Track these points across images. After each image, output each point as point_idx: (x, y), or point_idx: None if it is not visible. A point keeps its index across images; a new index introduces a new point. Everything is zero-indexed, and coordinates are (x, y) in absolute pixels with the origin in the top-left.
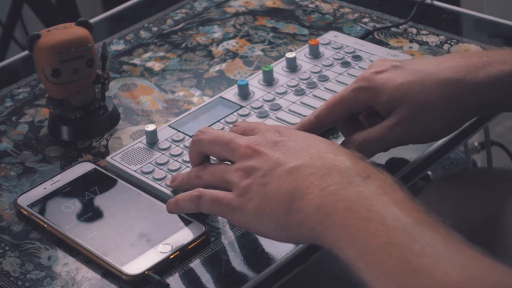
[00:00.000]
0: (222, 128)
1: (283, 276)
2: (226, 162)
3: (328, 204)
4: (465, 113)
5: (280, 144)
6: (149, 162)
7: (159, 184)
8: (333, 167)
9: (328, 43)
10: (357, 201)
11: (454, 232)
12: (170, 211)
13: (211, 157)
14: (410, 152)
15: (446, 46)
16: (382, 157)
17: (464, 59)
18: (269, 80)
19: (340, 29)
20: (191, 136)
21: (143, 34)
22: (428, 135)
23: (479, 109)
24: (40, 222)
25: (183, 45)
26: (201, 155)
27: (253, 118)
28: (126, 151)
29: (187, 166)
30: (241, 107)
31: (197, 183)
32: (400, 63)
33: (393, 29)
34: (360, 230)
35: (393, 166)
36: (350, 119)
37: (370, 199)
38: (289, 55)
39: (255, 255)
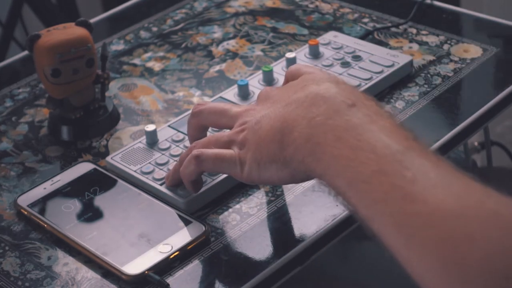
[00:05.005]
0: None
1: (283, 276)
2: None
3: (317, 135)
4: None
5: (270, 97)
6: (149, 162)
7: (159, 184)
8: (317, 96)
9: (328, 43)
10: (345, 130)
11: (444, 159)
12: (169, 183)
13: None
14: None
15: (446, 46)
16: None
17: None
18: (269, 80)
19: (340, 29)
20: None
21: (143, 34)
22: None
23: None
24: (40, 222)
25: (183, 45)
26: (200, 127)
27: None
28: (126, 151)
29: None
30: None
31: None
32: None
33: (393, 29)
34: (350, 159)
35: None
36: None
37: (358, 128)
38: (289, 55)
39: (255, 255)
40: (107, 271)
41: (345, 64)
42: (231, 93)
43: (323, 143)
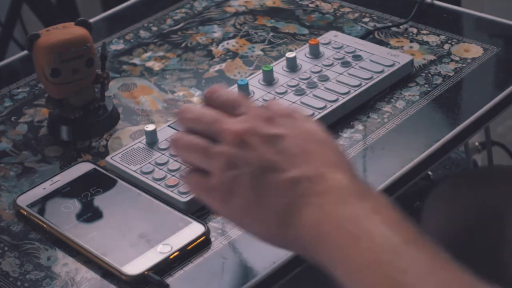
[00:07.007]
0: None
1: (283, 276)
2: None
3: (324, 223)
4: None
5: (275, 140)
6: (149, 162)
7: (159, 184)
8: (330, 185)
9: (329, 43)
10: (349, 220)
11: (440, 251)
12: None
13: None
14: (411, 152)
15: (446, 46)
16: (381, 157)
17: None
18: (269, 80)
19: (340, 29)
20: None
21: (143, 34)
22: None
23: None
24: (40, 222)
25: (183, 45)
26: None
27: None
28: (126, 151)
29: (187, 166)
30: None
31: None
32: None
33: (394, 28)
34: (350, 248)
35: (392, 168)
36: None
37: (361, 218)
38: (289, 55)
39: (255, 255)
40: (106, 272)
41: (346, 64)
42: None
43: (327, 231)
